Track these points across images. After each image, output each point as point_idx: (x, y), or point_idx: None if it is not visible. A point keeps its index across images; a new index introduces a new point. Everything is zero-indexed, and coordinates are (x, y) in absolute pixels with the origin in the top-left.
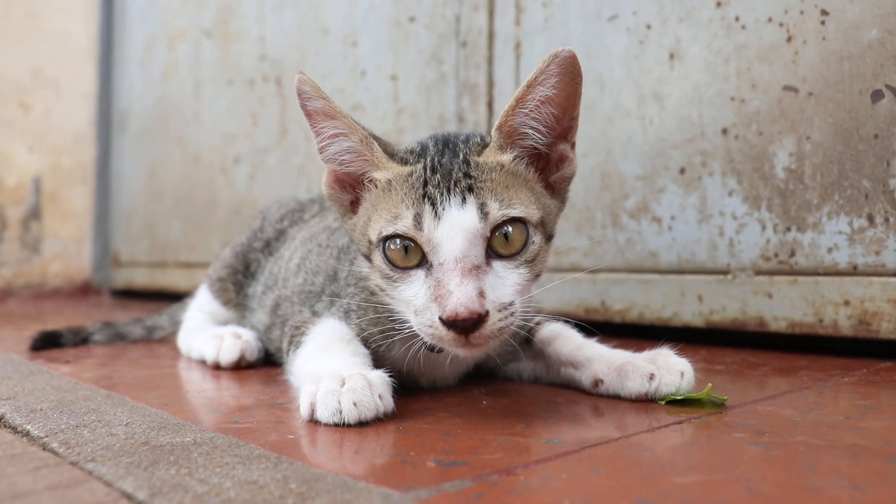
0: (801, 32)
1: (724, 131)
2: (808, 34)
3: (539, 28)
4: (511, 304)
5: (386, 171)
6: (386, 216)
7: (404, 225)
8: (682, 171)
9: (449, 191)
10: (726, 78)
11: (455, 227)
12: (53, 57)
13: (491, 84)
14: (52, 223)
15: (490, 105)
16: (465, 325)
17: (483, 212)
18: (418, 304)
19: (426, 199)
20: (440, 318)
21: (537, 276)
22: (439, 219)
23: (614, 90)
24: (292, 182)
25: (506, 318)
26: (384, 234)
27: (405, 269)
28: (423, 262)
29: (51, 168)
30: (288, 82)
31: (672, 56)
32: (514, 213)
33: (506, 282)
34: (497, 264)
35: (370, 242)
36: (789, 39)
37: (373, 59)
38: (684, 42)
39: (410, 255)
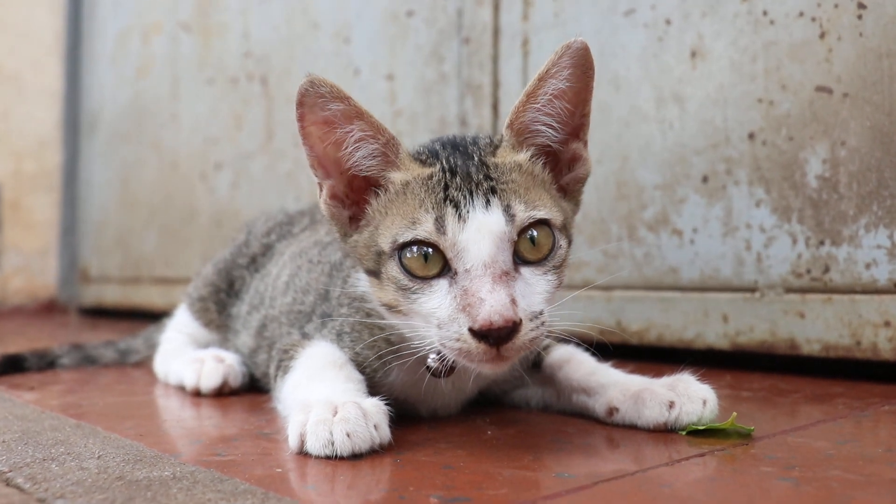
0: (836, 28)
1: (751, 136)
2: (844, 30)
3: (549, 23)
4: (541, 313)
5: (405, 173)
6: (401, 222)
7: (425, 230)
8: (705, 179)
9: (471, 193)
10: (753, 78)
11: (482, 231)
12: (14, 51)
13: (496, 84)
14: (14, 234)
15: (495, 107)
16: (498, 335)
17: (509, 214)
18: (442, 317)
19: (448, 202)
20: (470, 329)
21: (561, 283)
22: (464, 221)
23: (631, 91)
24: (279, 190)
25: (537, 327)
26: (400, 241)
27: (425, 278)
28: (445, 270)
29: (12, 174)
30: (275, 81)
31: (694, 54)
32: (541, 214)
33: (535, 289)
34: (525, 271)
35: (380, 253)
36: (822, 35)
37: (367, 56)
38: (707, 39)
39: (430, 263)
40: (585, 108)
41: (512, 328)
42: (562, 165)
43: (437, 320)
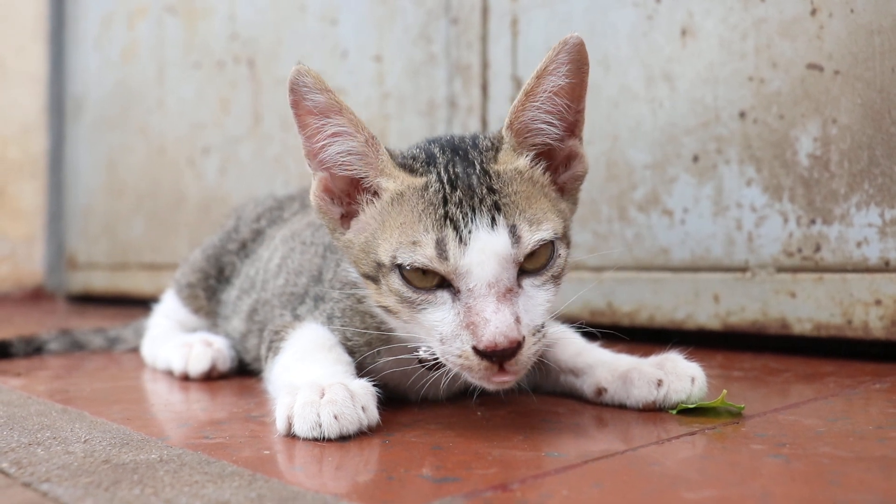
0: (827, 4)
1: (742, 115)
2: (835, 6)
3: (538, 2)
4: (543, 325)
5: (394, 181)
6: (399, 237)
7: (424, 256)
8: (696, 158)
9: (474, 210)
10: (743, 56)
11: (486, 252)
12: None
13: (485, 65)
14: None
15: (484, 88)
16: (503, 355)
17: (515, 235)
18: (445, 332)
19: (448, 221)
20: (474, 348)
21: (559, 288)
22: (465, 244)
23: (620, 71)
24: (268, 175)
25: (538, 340)
26: (400, 261)
27: (427, 289)
28: (446, 282)
29: None
30: (262, 64)
31: (684, 32)
32: (547, 236)
33: (536, 301)
34: (526, 283)
35: (379, 265)
36: (813, 12)
37: (355, 38)
38: (697, 17)
39: (429, 274)
40: (581, 103)
41: (516, 347)
42: (558, 164)
43: (440, 335)
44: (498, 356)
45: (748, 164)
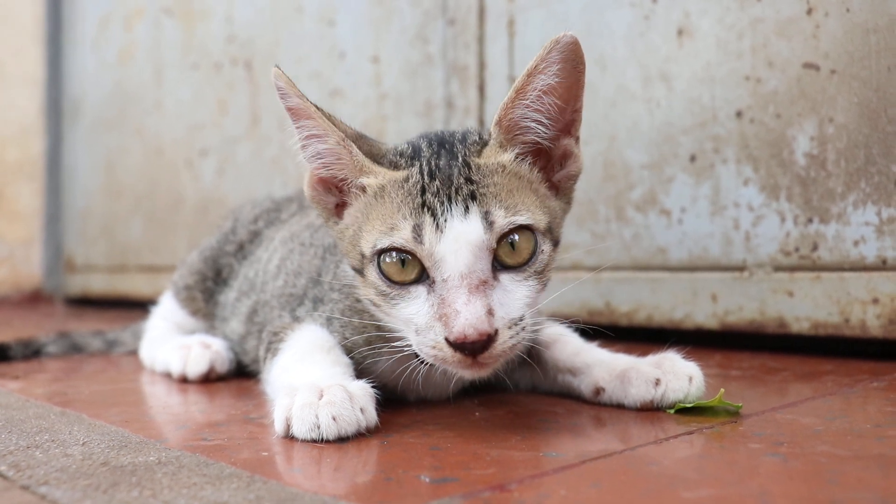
0: (823, 3)
1: (739, 114)
2: (831, 5)
3: (535, 3)
4: (521, 318)
5: (375, 177)
6: (380, 227)
7: (402, 237)
8: (693, 158)
9: (450, 199)
10: (740, 56)
11: (459, 241)
12: None
13: (482, 66)
14: None
15: (481, 89)
16: (473, 347)
17: (488, 221)
18: (420, 323)
19: (425, 209)
20: (446, 339)
21: (545, 285)
22: (441, 231)
23: (617, 71)
24: (266, 176)
25: (516, 334)
26: (379, 247)
27: (403, 284)
28: (423, 276)
29: None
30: (259, 66)
31: (680, 32)
32: (521, 220)
33: (514, 296)
34: (504, 277)
35: (362, 256)
36: (809, 12)
37: (352, 39)
38: (694, 16)
39: (408, 268)
40: (577, 103)
41: (487, 340)
42: (553, 162)
43: (415, 326)
44: (469, 349)
45: (745, 163)
